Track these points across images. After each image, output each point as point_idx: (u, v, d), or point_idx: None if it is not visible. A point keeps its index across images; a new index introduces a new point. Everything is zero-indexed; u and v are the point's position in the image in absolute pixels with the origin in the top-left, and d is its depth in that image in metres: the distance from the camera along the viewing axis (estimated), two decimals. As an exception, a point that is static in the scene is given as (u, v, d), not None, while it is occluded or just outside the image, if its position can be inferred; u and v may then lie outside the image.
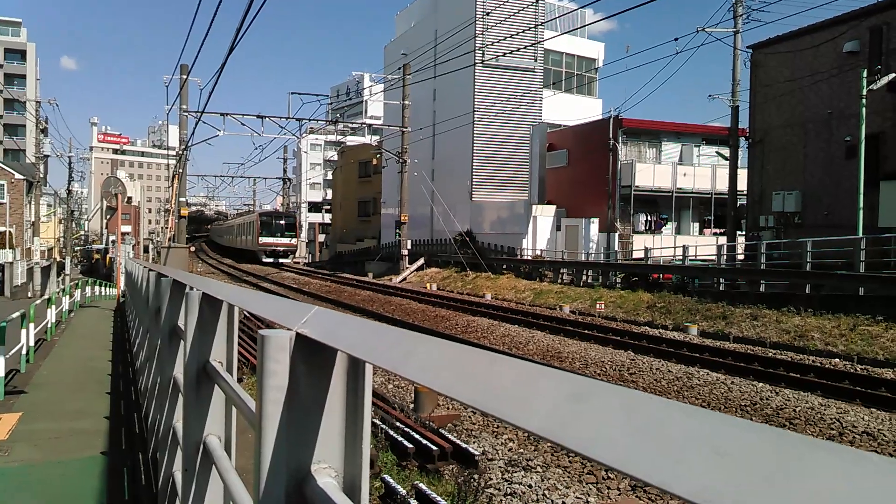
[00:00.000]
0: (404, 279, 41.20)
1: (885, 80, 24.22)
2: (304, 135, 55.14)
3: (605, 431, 0.71)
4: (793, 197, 29.09)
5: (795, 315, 19.25)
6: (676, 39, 29.29)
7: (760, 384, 12.12)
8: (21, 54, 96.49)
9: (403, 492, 6.38)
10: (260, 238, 60.44)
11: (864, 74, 24.18)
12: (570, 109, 49.08)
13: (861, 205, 23.97)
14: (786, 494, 0.55)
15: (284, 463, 1.64)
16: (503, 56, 35.62)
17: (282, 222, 61.50)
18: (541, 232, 41.85)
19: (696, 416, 0.66)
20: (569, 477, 7.40)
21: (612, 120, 38.78)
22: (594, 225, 39.41)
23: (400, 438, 7.98)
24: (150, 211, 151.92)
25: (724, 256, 31.34)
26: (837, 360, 15.21)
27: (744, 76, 31.93)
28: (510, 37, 33.63)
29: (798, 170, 29.57)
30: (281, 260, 59.76)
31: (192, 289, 3.66)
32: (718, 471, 0.59)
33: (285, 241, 60.80)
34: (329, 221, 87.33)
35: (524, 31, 36.94)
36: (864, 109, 23.85)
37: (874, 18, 26.44)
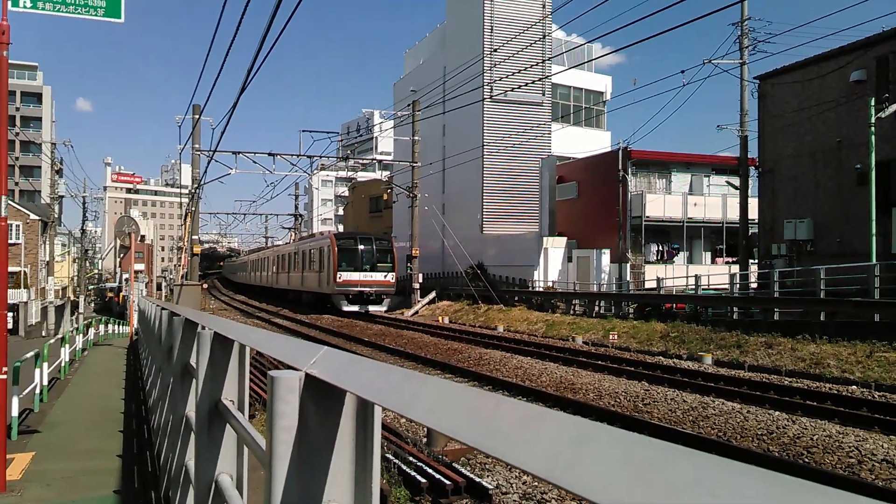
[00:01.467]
0: (416, 312, 41.13)
1: (892, 108, 24.24)
2: (316, 171, 55.50)
3: (604, 474, 0.72)
4: (804, 225, 29.01)
5: (811, 343, 19.08)
6: (683, 72, 29.65)
7: (777, 413, 11.98)
8: (37, 97, 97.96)
9: (417, 529, 6.34)
10: (339, 274, 39.49)
11: (872, 103, 24.21)
12: (579, 142, 49.33)
13: (874, 231, 23.88)
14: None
15: (295, 502, 1.65)
16: (511, 91, 35.88)
17: (371, 248, 40.76)
18: (552, 263, 41.82)
19: (692, 459, 0.68)
20: (584, 512, 7.35)
21: (620, 151, 38.91)
22: (605, 256, 39.37)
23: (413, 473, 7.93)
24: (162, 249, 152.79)
25: (738, 285, 31.20)
26: (854, 387, 15.04)
27: (752, 106, 32.06)
28: (518, 72, 33.92)
29: (809, 198, 29.52)
30: (372, 308, 39.42)
31: (203, 328, 3.68)
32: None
33: (378, 276, 40.06)
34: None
35: (532, 66, 37.24)
36: (873, 137, 23.86)
37: (880, 48, 26.54)
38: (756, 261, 33.81)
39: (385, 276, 39.88)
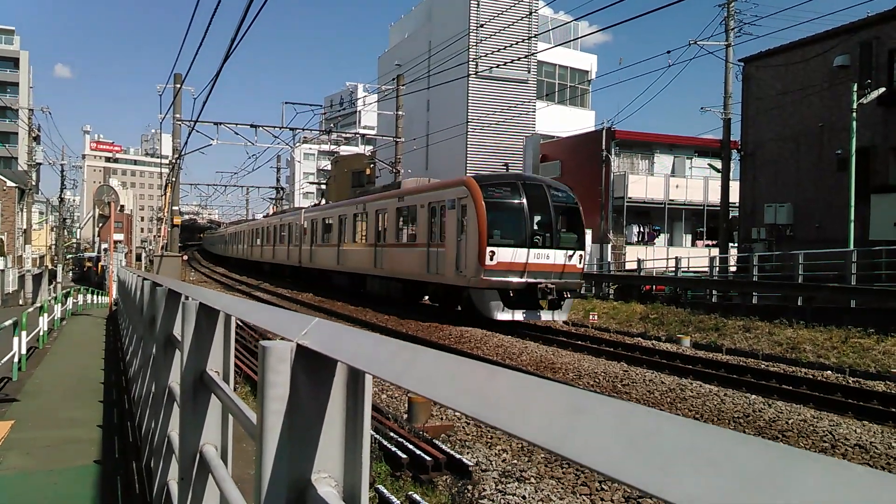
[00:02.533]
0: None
1: (874, 94, 24.42)
2: (298, 144, 55.21)
3: (600, 441, 0.75)
4: (784, 209, 29.24)
5: (788, 327, 19.31)
6: (669, 52, 29.64)
7: (753, 396, 12.13)
8: (14, 62, 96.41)
9: (397, 502, 6.40)
10: (488, 251, 20.54)
11: (855, 88, 24.36)
12: (564, 121, 49.32)
13: (852, 218, 24.12)
14: (773, 502, 0.59)
15: (285, 472, 1.67)
16: (497, 67, 35.78)
17: (547, 203, 21.68)
18: (533, 242, 41.83)
19: (687, 427, 0.70)
20: (563, 488, 7.42)
21: (604, 131, 38.97)
22: (587, 236, 39.50)
23: (394, 449, 7.98)
24: (142, 219, 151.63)
25: (717, 268, 31.45)
26: (830, 372, 15.26)
27: (736, 89, 32.17)
28: (503, 48, 33.79)
29: (790, 182, 29.73)
30: (546, 317, 21.61)
31: (188, 298, 3.69)
32: (709, 479, 0.63)
33: (559, 257, 21.39)
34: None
35: (518, 42, 37.09)
36: (854, 123, 24.02)
37: (864, 33, 26.66)
38: (736, 244, 34.08)
39: (571, 257, 21.50)
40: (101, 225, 72.99)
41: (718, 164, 33.71)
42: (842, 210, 24.81)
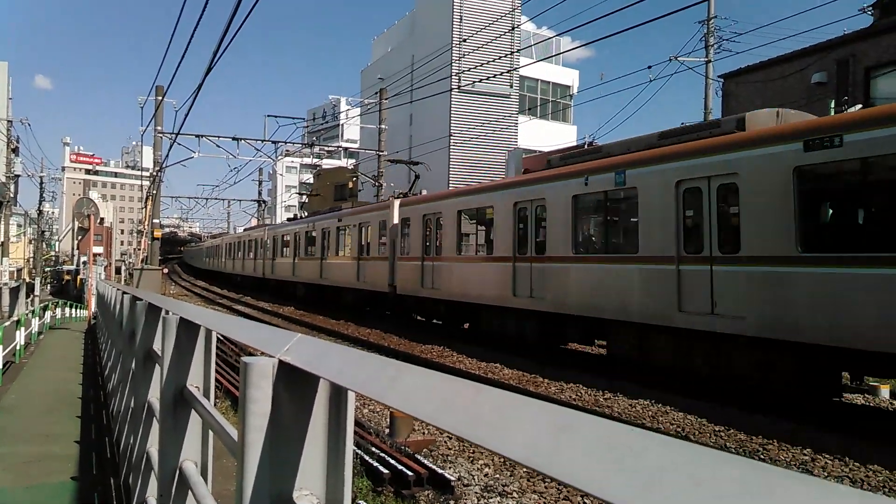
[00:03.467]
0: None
1: (851, 110, 24.70)
2: (280, 157, 54.97)
3: (585, 460, 0.74)
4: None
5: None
6: (650, 67, 29.82)
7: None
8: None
9: (378, 517, 6.36)
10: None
11: (832, 105, 24.65)
12: (546, 135, 49.55)
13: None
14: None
15: (267, 489, 1.66)
16: (479, 82, 35.92)
17: None
18: (516, 256, 41.89)
19: (671, 446, 0.70)
20: (545, 502, 7.41)
21: (585, 146, 39.16)
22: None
23: (375, 464, 7.94)
24: (122, 232, 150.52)
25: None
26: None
27: (715, 104, 32.47)
28: (486, 63, 33.96)
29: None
30: None
31: (169, 313, 3.66)
32: (694, 498, 0.63)
33: None
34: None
35: (500, 57, 37.29)
36: (832, 139, 24.23)
37: (841, 50, 27.03)
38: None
39: None
40: (80, 237, 72.44)
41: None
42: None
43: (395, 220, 24.82)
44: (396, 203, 24.97)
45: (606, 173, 15.04)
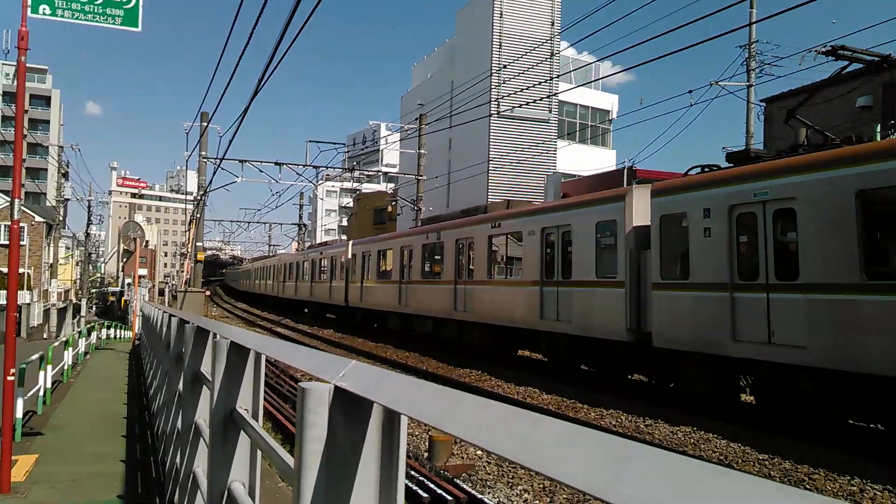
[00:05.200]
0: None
1: (899, 134, 24.33)
2: (321, 181, 55.64)
3: (645, 489, 0.78)
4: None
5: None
6: (690, 92, 29.63)
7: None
8: (46, 100, 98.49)
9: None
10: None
11: (878, 129, 24.30)
12: (585, 160, 49.45)
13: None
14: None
15: (322, 512, 1.70)
16: (518, 108, 36.03)
17: None
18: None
19: (728, 478, 0.74)
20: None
21: (626, 170, 39.00)
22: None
23: (415, 487, 7.96)
24: (166, 255, 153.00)
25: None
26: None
27: (757, 129, 32.16)
28: (526, 89, 34.08)
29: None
30: None
31: (219, 337, 3.74)
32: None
33: None
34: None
35: (539, 83, 37.40)
36: (878, 164, 23.85)
37: (887, 74, 26.67)
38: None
39: None
40: (125, 259, 73.73)
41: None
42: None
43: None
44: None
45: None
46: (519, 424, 1.07)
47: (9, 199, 7.81)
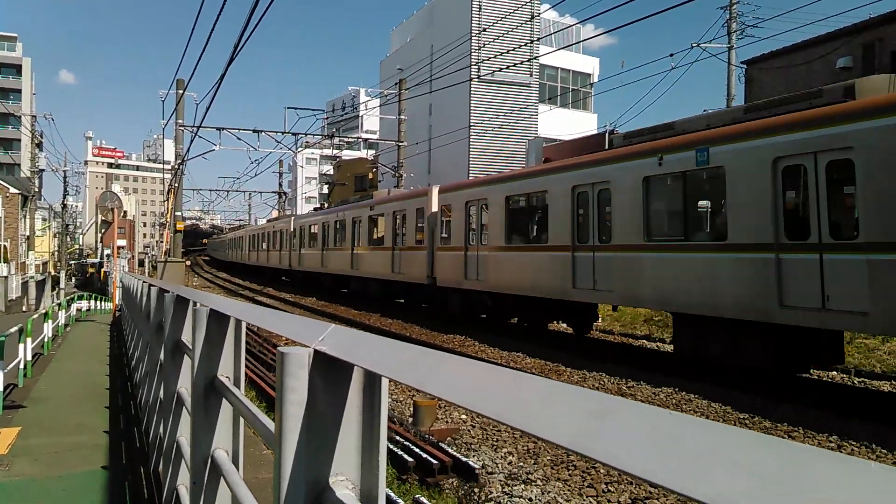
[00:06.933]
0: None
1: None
2: (300, 149, 55.13)
3: (627, 444, 0.77)
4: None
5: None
6: (672, 55, 29.60)
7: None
8: (17, 69, 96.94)
9: (403, 506, 6.42)
10: None
11: (857, 90, 24.37)
12: (566, 124, 49.33)
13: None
14: (796, 500, 0.61)
15: (303, 476, 1.70)
16: (499, 71, 35.82)
17: None
18: (536, 246, 41.79)
19: (710, 429, 0.73)
20: (569, 490, 7.43)
21: (607, 134, 38.98)
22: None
23: (400, 452, 8.01)
24: (144, 225, 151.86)
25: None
26: (835, 373, 15.24)
27: (739, 91, 32.21)
28: (506, 52, 33.84)
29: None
30: None
31: (199, 305, 3.71)
32: (734, 478, 0.66)
33: None
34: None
35: (520, 46, 37.14)
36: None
37: (867, 35, 26.70)
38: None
39: None
40: (103, 230, 73.11)
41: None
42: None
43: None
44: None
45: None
46: (500, 383, 1.06)
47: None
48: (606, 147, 17.99)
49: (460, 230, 22.19)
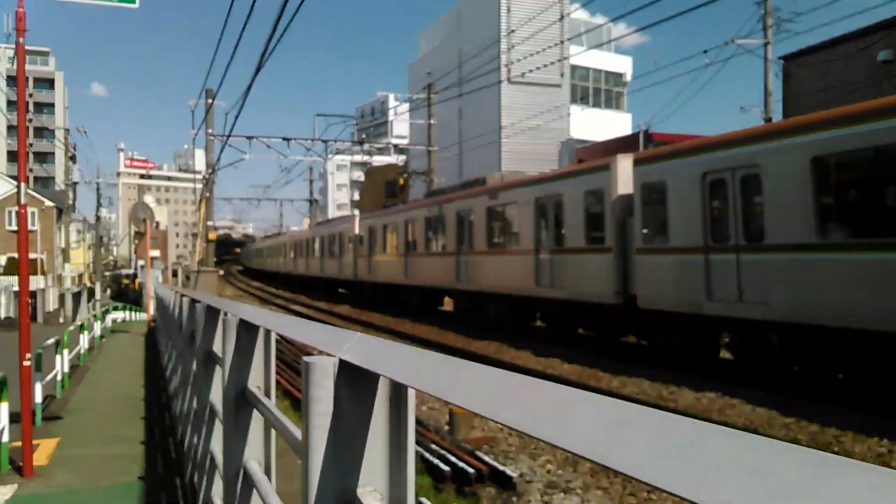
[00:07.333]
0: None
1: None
2: (330, 156, 55.51)
3: (645, 452, 0.75)
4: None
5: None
6: (706, 52, 29.21)
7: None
8: (50, 83, 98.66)
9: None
10: None
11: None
12: (599, 125, 49.08)
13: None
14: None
15: (331, 487, 1.69)
16: (529, 73, 35.69)
17: None
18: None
19: (728, 437, 0.71)
20: (609, 498, 7.35)
21: (641, 134, 38.66)
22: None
23: (436, 461, 7.98)
24: (177, 235, 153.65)
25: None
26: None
27: (776, 87, 31.69)
28: (536, 53, 33.72)
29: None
30: None
31: (228, 315, 3.72)
32: (752, 488, 0.64)
33: None
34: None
35: (550, 47, 37.01)
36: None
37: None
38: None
39: None
40: (137, 242, 74.08)
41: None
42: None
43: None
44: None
45: None
46: (519, 391, 1.04)
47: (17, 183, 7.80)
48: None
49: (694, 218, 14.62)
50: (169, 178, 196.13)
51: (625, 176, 16.65)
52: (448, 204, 25.88)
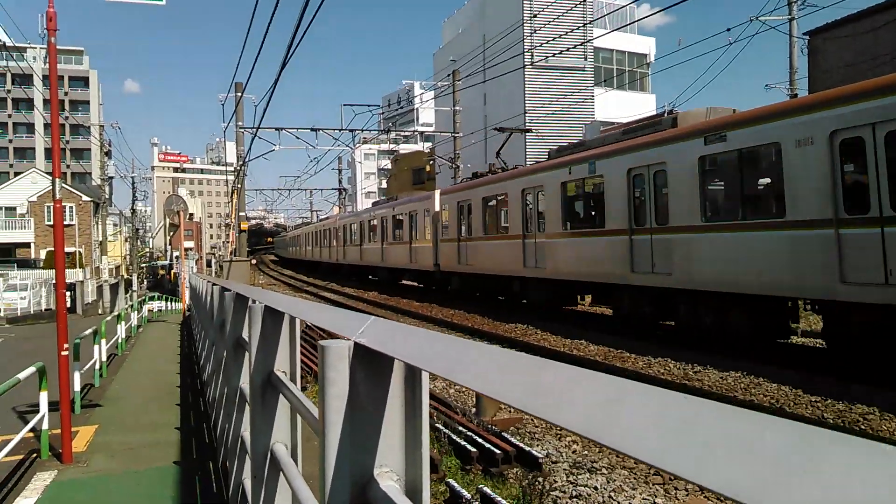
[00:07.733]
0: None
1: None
2: (358, 145, 55.63)
3: (639, 430, 0.76)
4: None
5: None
6: (729, 30, 28.82)
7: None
8: (84, 81, 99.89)
9: (468, 496, 6.42)
10: None
11: (928, 56, 23.42)
12: (623, 106, 48.69)
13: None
14: (808, 487, 0.59)
15: (348, 468, 1.71)
16: (552, 56, 35.48)
17: None
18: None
19: (723, 413, 0.71)
20: (635, 478, 7.35)
21: (665, 114, 38.30)
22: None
23: (463, 442, 8.02)
24: (210, 226, 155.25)
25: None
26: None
27: (801, 63, 31.20)
28: (559, 37, 33.50)
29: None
30: None
31: (254, 302, 3.78)
32: (745, 465, 0.64)
33: None
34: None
35: (573, 30, 36.72)
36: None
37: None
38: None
39: None
40: (171, 233, 75.04)
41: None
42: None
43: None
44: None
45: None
46: (524, 370, 1.05)
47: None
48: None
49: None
50: (202, 171, 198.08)
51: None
52: (607, 159, 18.70)
